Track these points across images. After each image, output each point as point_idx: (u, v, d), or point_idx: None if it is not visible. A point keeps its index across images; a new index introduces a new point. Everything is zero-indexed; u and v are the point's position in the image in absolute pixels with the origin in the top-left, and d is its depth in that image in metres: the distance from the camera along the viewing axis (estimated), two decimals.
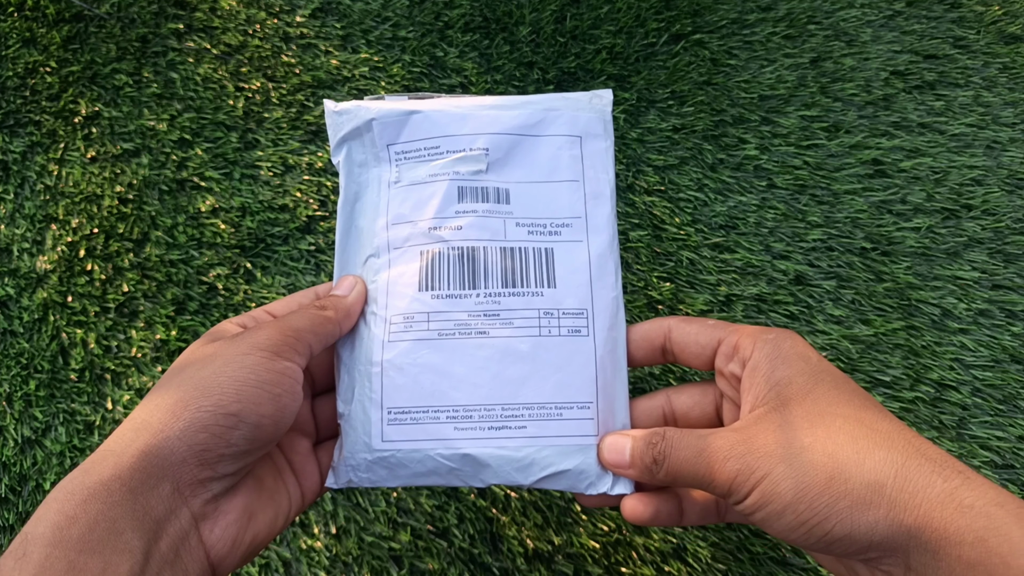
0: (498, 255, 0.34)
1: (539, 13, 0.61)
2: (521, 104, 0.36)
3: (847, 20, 0.62)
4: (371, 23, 0.60)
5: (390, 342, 0.33)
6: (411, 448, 0.32)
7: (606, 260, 0.35)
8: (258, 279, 0.51)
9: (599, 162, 0.36)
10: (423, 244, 0.34)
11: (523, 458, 0.32)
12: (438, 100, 0.37)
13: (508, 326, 0.33)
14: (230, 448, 0.27)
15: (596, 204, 0.36)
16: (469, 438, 0.32)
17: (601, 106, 0.37)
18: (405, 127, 0.36)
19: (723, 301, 0.51)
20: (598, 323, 0.34)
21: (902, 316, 0.50)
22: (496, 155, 0.36)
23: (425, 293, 0.33)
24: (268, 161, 0.55)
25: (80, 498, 0.24)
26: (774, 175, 0.55)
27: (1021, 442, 0.46)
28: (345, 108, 0.36)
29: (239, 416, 0.27)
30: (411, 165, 0.36)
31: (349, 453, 0.33)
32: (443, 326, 0.33)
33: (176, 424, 0.26)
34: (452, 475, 0.32)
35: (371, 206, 0.36)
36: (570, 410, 0.33)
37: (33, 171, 0.54)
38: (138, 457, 0.25)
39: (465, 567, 0.43)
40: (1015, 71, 0.60)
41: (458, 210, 0.35)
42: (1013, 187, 0.55)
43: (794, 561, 0.43)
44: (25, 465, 0.46)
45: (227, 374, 0.27)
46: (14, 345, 0.49)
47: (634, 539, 0.43)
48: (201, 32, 0.59)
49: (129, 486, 0.25)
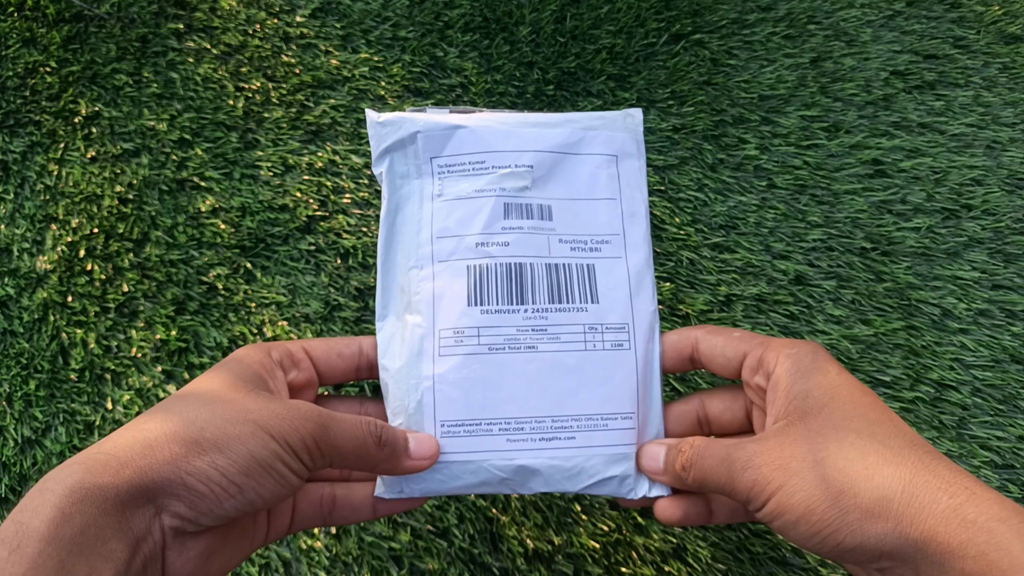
0: (544, 271, 0.35)
1: (539, 13, 0.61)
2: (562, 122, 0.37)
3: (847, 20, 0.62)
4: (371, 23, 0.60)
5: (441, 356, 0.34)
6: (465, 459, 0.33)
7: (644, 276, 0.36)
8: (258, 279, 0.51)
9: (634, 181, 0.38)
10: (470, 259, 0.35)
11: (573, 467, 0.33)
12: (480, 115, 0.37)
13: (555, 341, 0.34)
14: (220, 510, 0.27)
15: (632, 222, 0.37)
16: (522, 449, 0.33)
17: (634, 125, 0.38)
18: (450, 141, 0.36)
19: (723, 301, 0.51)
20: (638, 337, 0.35)
21: (902, 316, 0.50)
22: (539, 172, 0.36)
23: (475, 308, 0.34)
24: (268, 161, 0.55)
25: (77, 497, 0.24)
26: (774, 175, 0.55)
27: (1021, 442, 0.46)
28: (389, 119, 0.37)
29: (241, 489, 0.27)
30: (455, 179, 0.36)
31: None
32: (493, 341, 0.34)
33: (186, 465, 0.26)
34: (503, 484, 0.33)
35: (413, 217, 0.36)
36: (614, 420, 0.34)
37: (33, 171, 0.54)
38: (140, 475, 0.25)
39: (465, 567, 0.43)
40: (1015, 71, 0.60)
41: (504, 226, 0.35)
42: (1013, 187, 0.55)
43: (794, 561, 0.43)
44: (25, 465, 0.46)
45: (249, 445, 0.27)
46: (14, 345, 0.49)
47: (634, 539, 0.43)
48: (201, 32, 0.59)
49: (123, 499, 0.25)
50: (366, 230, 0.52)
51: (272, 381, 0.32)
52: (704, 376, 0.48)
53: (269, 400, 0.29)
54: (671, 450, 0.32)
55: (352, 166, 0.55)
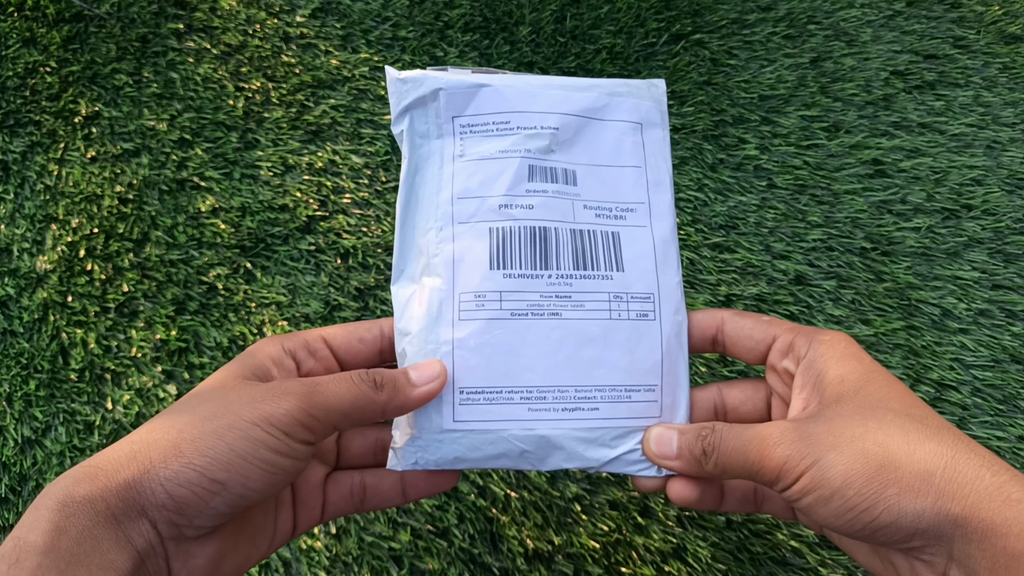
0: (568, 237, 0.34)
1: (539, 13, 0.61)
2: (587, 87, 0.36)
3: (847, 20, 0.62)
4: (371, 23, 0.60)
5: (461, 320, 0.32)
6: (484, 428, 0.32)
7: (669, 246, 0.35)
8: (258, 279, 0.51)
9: (658, 150, 0.37)
10: (493, 221, 0.34)
11: (596, 439, 0.32)
12: (504, 75, 0.36)
13: (580, 308, 0.33)
14: (209, 510, 0.26)
15: (657, 191, 0.36)
16: (544, 419, 0.32)
17: (658, 95, 0.37)
18: (473, 100, 0.35)
19: (723, 301, 0.51)
20: (664, 308, 0.34)
21: (902, 316, 0.50)
22: (565, 136, 0.35)
23: (497, 272, 0.33)
24: (268, 161, 0.55)
25: (69, 511, 0.24)
26: (774, 175, 0.55)
27: (1021, 442, 0.46)
28: (411, 76, 0.35)
29: (224, 485, 0.26)
30: (478, 139, 0.35)
31: (419, 433, 0.32)
32: (516, 306, 0.33)
33: (163, 471, 0.25)
34: (522, 458, 0.32)
35: (433, 178, 0.35)
36: (638, 392, 0.33)
37: (33, 171, 0.54)
38: (122, 487, 0.25)
39: (465, 567, 0.43)
40: (1015, 71, 0.60)
41: (529, 189, 0.34)
42: (1013, 187, 0.55)
43: (794, 561, 0.43)
44: (25, 465, 0.46)
45: (226, 439, 0.26)
46: (14, 345, 0.49)
47: (634, 539, 0.43)
48: (201, 32, 0.59)
49: (113, 511, 0.25)
50: (366, 230, 0.52)
51: (277, 370, 0.31)
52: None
53: (250, 387, 0.28)
54: (686, 435, 0.31)
55: (352, 166, 0.55)
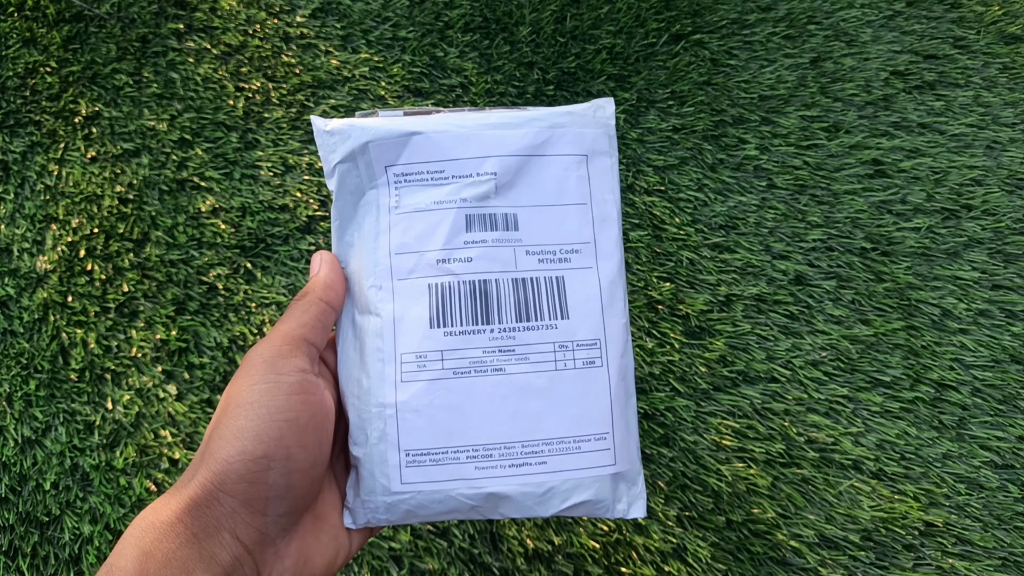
0: (510, 287, 0.33)
1: (539, 13, 0.61)
2: (526, 122, 0.35)
3: (847, 20, 0.62)
4: (371, 23, 0.60)
5: (403, 382, 0.32)
6: (432, 489, 0.32)
7: (615, 287, 0.34)
8: (258, 279, 0.51)
9: (605, 182, 0.36)
10: (431, 277, 0.33)
11: (544, 493, 0.32)
12: (437, 117, 0.35)
13: (524, 361, 0.33)
14: (272, 489, 0.27)
15: (603, 228, 0.35)
16: (491, 476, 0.32)
17: (604, 119, 0.36)
18: (405, 148, 0.34)
19: (723, 301, 0.51)
20: (611, 352, 0.34)
21: (902, 316, 0.50)
22: (504, 178, 0.34)
23: (437, 330, 0.32)
24: (268, 161, 0.55)
25: (153, 536, 0.25)
26: (774, 175, 0.55)
27: (1021, 442, 0.46)
28: (337, 128, 0.34)
29: (268, 456, 0.27)
30: (412, 189, 0.34)
31: (367, 496, 0.32)
32: (458, 364, 0.32)
33: (212, 479, 0.26)
34: (472, 511, 0.32)
35: (370, 231, 0.34)
36: (588, 442, 0.33)
37: (33, 171, 0.54)
38: (193, 506, 0.26)
39: (465, 567, 0.43)
40: (1015, 71, 0.60)
41: (467, 240, 0.33)
42: (1013, 187, 0.55)
43: (794, 561, 0.43)
44: (25, 465, 0.46)
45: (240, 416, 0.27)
46: (14, 345, 0.49)
47: (634, 539, 0.43)
48: (201, 32, 0.59)
49: (192, 531, 0.25)
50: None
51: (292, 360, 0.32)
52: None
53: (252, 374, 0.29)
54: None
55: None
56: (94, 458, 0.46)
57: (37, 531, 0.44)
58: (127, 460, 0.46)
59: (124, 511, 0.44)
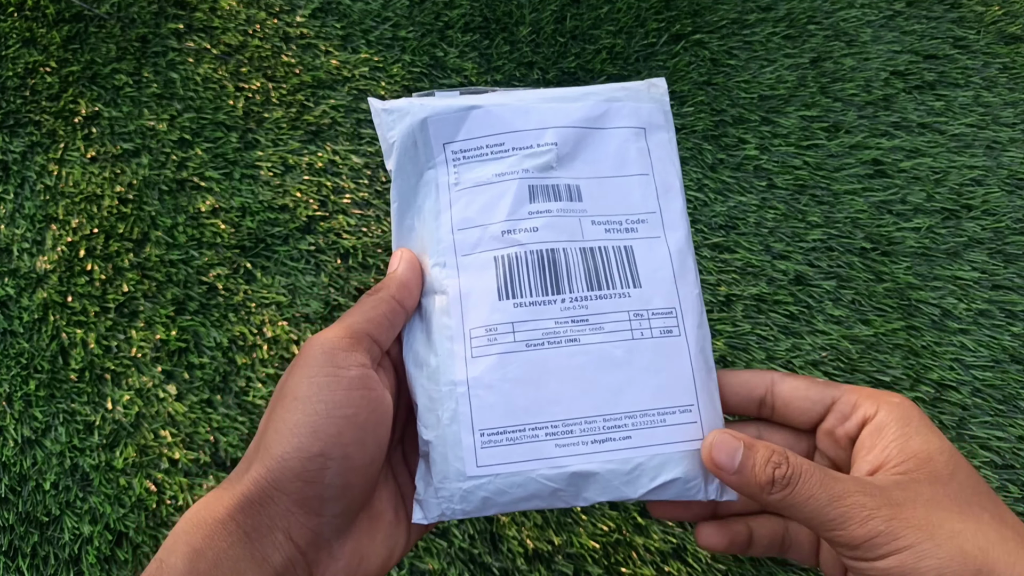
0: (579, 256, 0.32)
1: (539, 13, 0.61)
2: (582, 96, 0.35)
3: (847, 20, 0.62)
4: (371, 23, 0.60)
5: (474, 358, 0.31)
6: (510, 471, 0.30)
7: (685, 256, 0.34)
8: (258, 279, 0.51)
9: (665, 154, 0.35)
10: (497, 249, 0.32)
11: (632, 470, 0.30)
12: (494, 94, 0.35)
13: (599, 331, 0.31)
14: (329, 490, 0.26)
15: (668, 198, 0.34)
16: (573, 454, 0.30)
17: (659, 95, 0.36)
18: (464, 124, 0.33)
19: (723, 301, 0.51)
20: (687, 321, 0.32)
21: (902, 316, 0.50)
22: (564, 149, 0.33)
23: (506, 302, 0.31)
24: (268, 161, 0.55)
25: (204, 533, 0.24)
26: (774, 175, 0.55)
27: (1021, 442, 0.46)
28: (395, 106, 0.33)
29: (324, 455, 0.26)
30: (472, 165, 0.33)
31: (441, 483, 0.30)
32: (530, 336, 0.31)
33: (267, 475, 0.25)
34: (554, 497, 0.30)
35: (430, 212, 0.33)
36: (672, 415, 0.31)
37: (33, 171, 0.54)
38: (246, 503, 0.25)
39: (465, 567, 0.43)
40: (1015, 71, 0.60)
41: (531, 210, 0.32)
42: (1013, 187, 0.55)
43: (794, 561, 0.43)
44: (25, 465, 0.46)
45: (298, 410, 0.26)
46: (14, 345, 0.49)
47: (634, 539, 0.43)
48: (201, 32, 0.59)
49: (244, 529, 0.25)
50: (366, 230, 0.52)
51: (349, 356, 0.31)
52: None
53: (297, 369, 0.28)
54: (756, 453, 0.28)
55: (352, 166, 0.55)
56: (94, 458, 0.46)
57: (37, 531, 0.44)
58: (127, 460, 0.46)
59: (124, 511, 0.44)
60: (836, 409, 0.31)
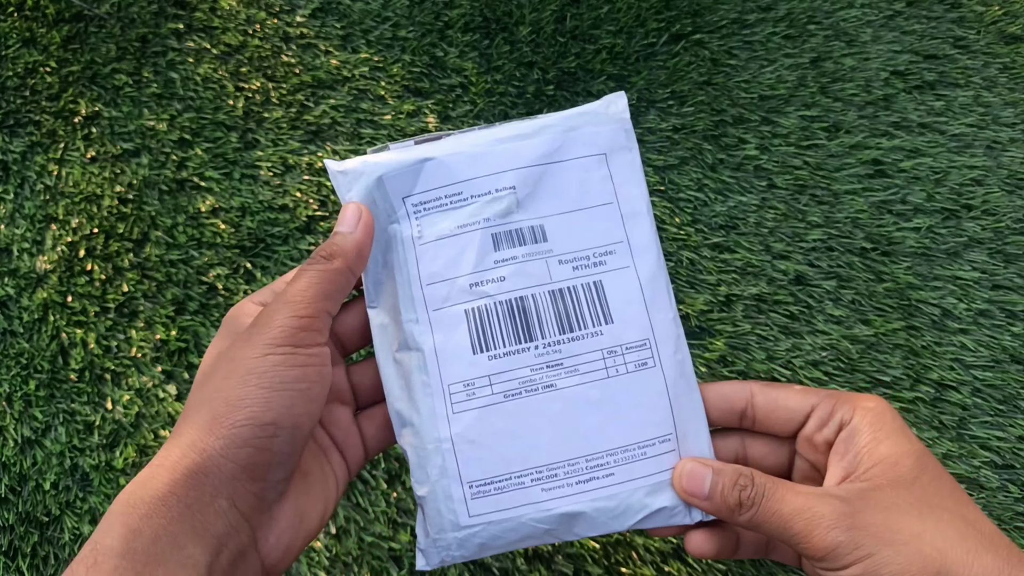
0: (548, 300, 0.32)
1: (539, 13, 0.61)
2: (539, 130, 0.34)
3: (847, 20, 0.62)
4: (371, 23, 0.60)
5: (455, 414, 0.31)
6: (502, 518, 0.31)
7: (657, 280, 0.34)
8: (258, 279, 0.51)
9: (629, 177, 0.34)
10: (466, 302, 0.32)
11: (617, 506, 0.31)
12: (448, 141, 0.34)
13: (574, 374, 0.32)
14: (275, 457, 0.27)
15: (634, 223, 0.34)
16: (560, 496, 0.31)
17: (618, 113, 0.35)
18: (420, 176, 0.33)
19: (723, 301, 0.51)
20: (662, 350, 0.33)
21: (902, 316, 0.50)
22: (524, 191, 0.33)
23: (481, 355, 0.32)
24: (268, 161, 0.55)
25: (141, 512, 0.24)
26: (774, 175, 0.55)
27: (1021, 442, 0.46)
28: (350, 168, 0.33)
29: (276, 424, 0.26)
30: (433, 217, 0.33)
31: (438, 534, 0.31)
32: (508, 387, 0.32)
33: (216, 443, 0.26)
34: (547, 535, 0.31)
35: (398, 267, 0.33)
36: (652, 446, 0.32)
37: (33, 171, 0.54)
38: (188, 475, 0.25)
39: (465, 567, 0.43)
40: (1015, 71, 0.60)
41: (497, 259, 0.33)
42: (1013, 187, 0.55)
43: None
44: (25, 465, 0.46)
45: (252, 383, 0.27)
46: (14, 345, 0.49)
47: (634, 539, 0.43)
48: (201, 32, 0.59)
49: (185, 502, 0.25)
50: None
51: None
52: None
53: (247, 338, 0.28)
54: (723, 478, 0.30)
55: None
56: (94, 458, 0.46)
57: (37, 531, 0.44)
58: (127, 460, 0.46)
59: None
60: (815, 415, 0.32)
